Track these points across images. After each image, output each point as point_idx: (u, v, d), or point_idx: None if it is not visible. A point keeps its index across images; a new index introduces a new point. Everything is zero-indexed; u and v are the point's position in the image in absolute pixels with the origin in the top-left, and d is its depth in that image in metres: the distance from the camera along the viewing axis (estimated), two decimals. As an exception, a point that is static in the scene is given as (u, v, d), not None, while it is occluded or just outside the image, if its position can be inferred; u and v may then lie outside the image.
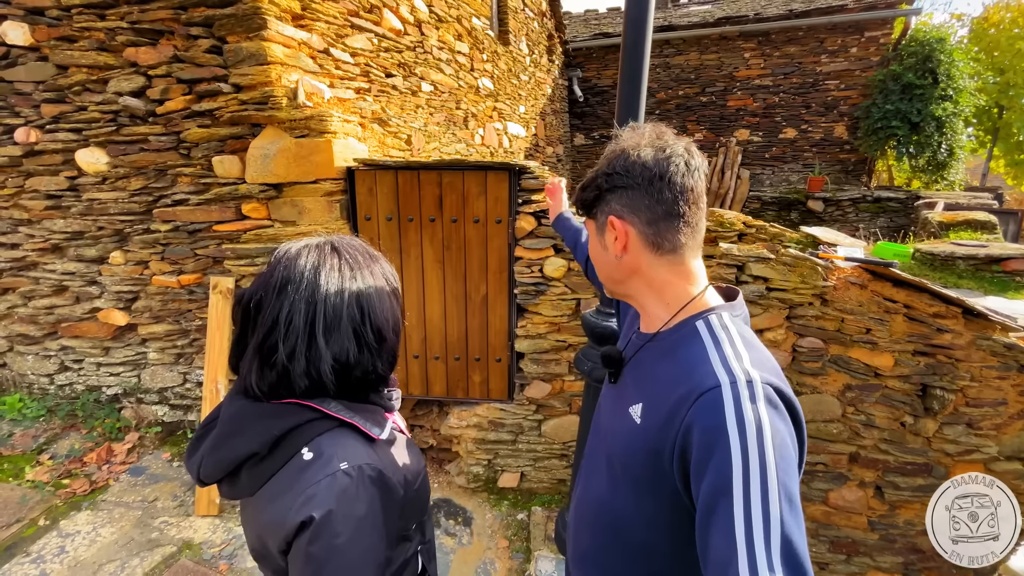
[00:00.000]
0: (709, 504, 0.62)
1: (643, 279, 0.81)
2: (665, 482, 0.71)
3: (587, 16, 9.79)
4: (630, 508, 0.79)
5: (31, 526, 2.38)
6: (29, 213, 2.76)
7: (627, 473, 0.78)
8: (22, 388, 3.16)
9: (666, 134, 0.79)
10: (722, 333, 0.74)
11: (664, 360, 0.78)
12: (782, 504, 0.59)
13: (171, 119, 2.44)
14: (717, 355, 0.70)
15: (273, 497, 0.69)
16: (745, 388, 0.65)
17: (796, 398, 0.69)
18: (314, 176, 2.38)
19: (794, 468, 0.63)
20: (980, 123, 12.17)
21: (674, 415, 0.68)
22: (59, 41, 2.42)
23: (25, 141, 2.59)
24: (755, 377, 0.66)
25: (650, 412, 0.75)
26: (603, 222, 0.81)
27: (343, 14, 2.72)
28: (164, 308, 2.81)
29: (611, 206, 0.79)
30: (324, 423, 0.73)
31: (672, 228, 0.76)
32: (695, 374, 0.70)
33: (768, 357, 0.74)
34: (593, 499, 0.89)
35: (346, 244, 0.81)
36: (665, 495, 0.72)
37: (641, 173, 0.75)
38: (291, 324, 0.72)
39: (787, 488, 0.60)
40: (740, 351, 0.71)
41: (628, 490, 0.78)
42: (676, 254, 0.78)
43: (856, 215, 6.91)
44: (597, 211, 0.82)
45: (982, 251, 3.67)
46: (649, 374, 0.81)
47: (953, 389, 2.16)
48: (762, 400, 0.64)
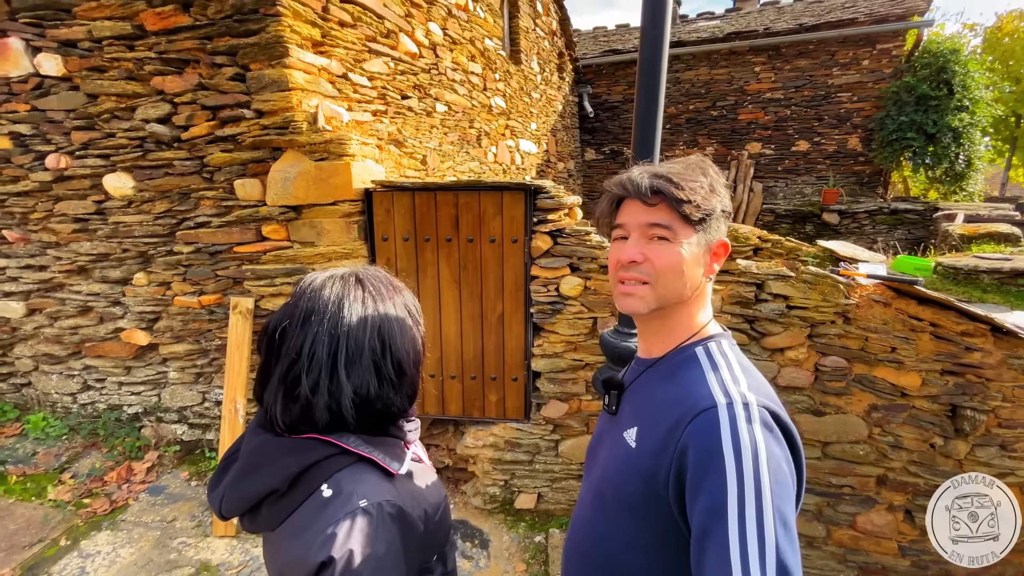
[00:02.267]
0: (704, 527, 0.61)
1: (693, 303, 0.82)
2: (661, 507, 0.70)
3: (596, 33, 9.91)
4: (625, 537, 0.78)
5: (52, 546, 2.40)
6: (57, 236, 2.84)
7: (620, 500, 0.77)
8: (46, 407, 3.21)
9: None
10: (720, 359, 0.75)
11: (662, 384, 0.79)
12: (777, 528, 0.59)
13: (195, 144, 2.50)
14: (715, 378, 0.71)
15: (293, 535, 0.69)
16: (742, 410, 0.65)
17: (793, 425, 0.69)
18: (333, 198, 2.42)
19: (790, 492, 0.63)
20: (997, 132, 12.01)
21: (670, 437, 0.69)
22: (90, 71, 2.51)
23: (55, 167, 2.67)
24: (751, 400, 0.67)
25: (645, 435, 0.75)
26: (713, 239, 0.78)
27: (361, 40, 2.79)
28: (185, 328, 2.85)
29: (722, 228, 0.80)
30: (343, 459, 0.73)
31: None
32: (691, 396, 0.70)
33: (765, 383, 0.75)
34: (586, 532, 0.87)
35: (371, 276, 0.82)
36: (661, 521, 0.71)
37: (729, 205, 0.81)
38: (314, 356, 0.72)
39: (782, 513, 0.60)
40: (738, 376, 0.71)
41: (624, 518, 0.77)
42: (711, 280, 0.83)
43: (873, 227, 6.81)
44: (710, 226, 0.77)
45: (1007, 264, 3.58)
46: (646, 398, 0.81)
47: (984, 410, 2.10)
48: (758, 423, 0.64)
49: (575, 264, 2.43)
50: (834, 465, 2.31)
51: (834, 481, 2.33)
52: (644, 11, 1.61)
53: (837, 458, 2.30)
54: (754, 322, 2.27)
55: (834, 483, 2.33)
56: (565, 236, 2.41)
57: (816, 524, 2.41)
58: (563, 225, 2.41)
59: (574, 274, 2.44)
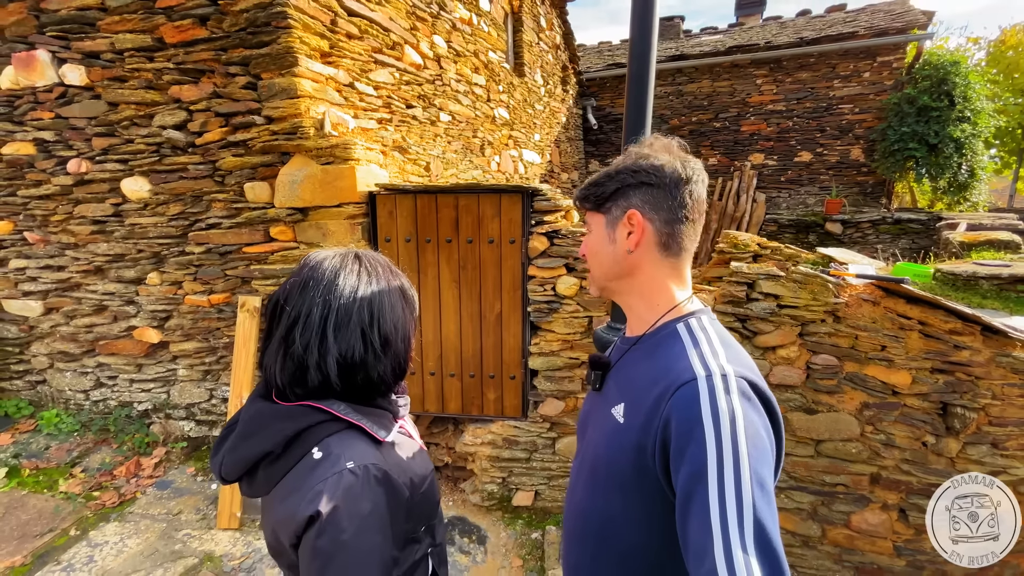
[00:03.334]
0: (686, 492, 0.65)
1: (641, 279, 0.85)
2: (649, 478, 0.73)
3: (600, 48, 10.10)
4: (617, 511, 0.80)
5: (62, 536, 2.47)
6: (76, 238, 2.96)
7: (612, 475, 0.80)
8: (59, 403, 3.31)
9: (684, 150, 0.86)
10: (700, 334, 0.78)
11: (645, 360, 0.82)
12: (754, 490, 0.62)
13: (208, 149, 2.62)
14: (695, 352, 0.75)
15: (285, 494, 0.74)
16: (720, 381, 0.69)
17: (772, 393, 0.72)
18: (338, 200, 2.52)
19: (768, 457, 0.66)
20: (1004, 144, 11.98)
21: (654, 410, 0.72)
22: (112, 81, 2.65)
23: (76, 171, 2.81)
24: (729, 371, 0.70)
25: (632, 410, 0.78)
26: (618, 215, 0.82)
27: (367, 51, 2.92)
28: (194, 326, 2.95)
29: (632, 200, 0.81)
30: (333, 425, 0.78)
31: (683, 232, 0.82)
32: (673, 370, 0.74)
33: (744, 355, 0.78)
34: (580, 510, 0.90)
35: (370, 256, 0.88)
36: (651, 493, 0.74)
37: (671, 175, 0.80)
38: (308, 318, 0.78)
39: (759, 475, 0.63)
40: (717, 349, 0.75)
41: (615, 493, 0.80)
42: (679, 258, 0.83)
43: (876, 237, 6.82)
44: (613, 204, 0.83)
45: (1006, 271, 3.58)
46: (631, 375, 0.84)
47: (975, 407, 2.12)
48: (735, 392, 0.68)
49: (571, 264, 2.50)
50: (827, 463, 2.33)
51: (827, 479, 2.35)
52: (632, 26, 1.69)
53: (830, 456, 2.32)
54: (746, 321, 2.32)
55: (828, 481, 2.35)
56: (561, 237, 2.48)
57: (811, 523, 2.42)
58: (559, 226, 2.48)
59: (570, 274, 2.50)
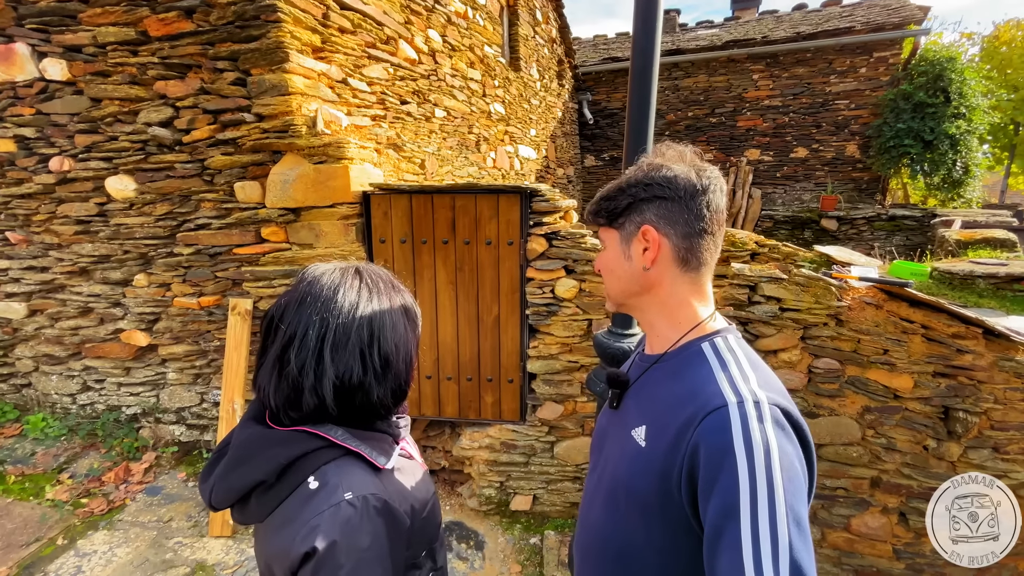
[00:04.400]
0: (716, 527, 0.61)
1: (660, 295, 0.80)
2: (673, 506, 0.70)
3: (596, 41, 10.01)
4: (639, 536, 0.77)
5: (49, 545, 2.41)
6: (59, 238, 2.87)
7: (633, 499, 0.76)
8: (45, 407, 3.23)
9: (698, 158, 0.81)
10: (728, 355, 0.74)
11: (669, 381, 0.78)
12: (790, 528, 0.58)
13: (196, 147, 2.54)
14: (724, 376, 0.70)
15: (280, 526, 0.70)
16: (753, 409, 0.64)
17: (804, 420, 0.68)
18: (331, 200, 2.45)
19: (802, 491, 0.62)
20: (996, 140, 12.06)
21: (681, 436, 0.68)
22: (94, 76, 2.55)
23: (59, 169, 2.72)
24: (762, 398, 0.66)
25: (655, 434, 0.74)
26: (632, 231, 0.79)
27: (360, 46, 2.84)
28: (184, 329, 2.88)
29: (646, 215, 0.77)
30: (330, 451, 0.74)
31: (702, 245, 0.77)
32: (701, 395, 0.69)
33: (774, 378, 0.73)
34: (597, 530, 0.86)
35: (371, 271, 0.83)
36: (674, 520, 0.70)
37: (685, 187, 0.75)
38: (305, 337, 0.73)
39: (795, 511, 0.59)
40: (747, 372, 0.71)
41: (636, 518, 0.76)
42: (699, 272, 0.79)
43: (871, 233, 6.84)
44: (626, 220, 0.80)
45: (1002, 269, 3.60)
46: (653, 396, 0.80)
47: (977, 412, 2.11)
48: (769, 421, 0.64)
49: (570, 266, 2.45)
50: (828, 467, 2.32)
51: (828, 483, 2.33)
52: (636, 20, 1.64)
53: (831, 460, 2.30)
54: (748, 324, 2.29)
55: (828, 485, 2.33)
56: (560, 239, 2.43)
57: (811, 527, 2.41)
58: (558, 228, 2.44)
59: (569, 276, 2.46)
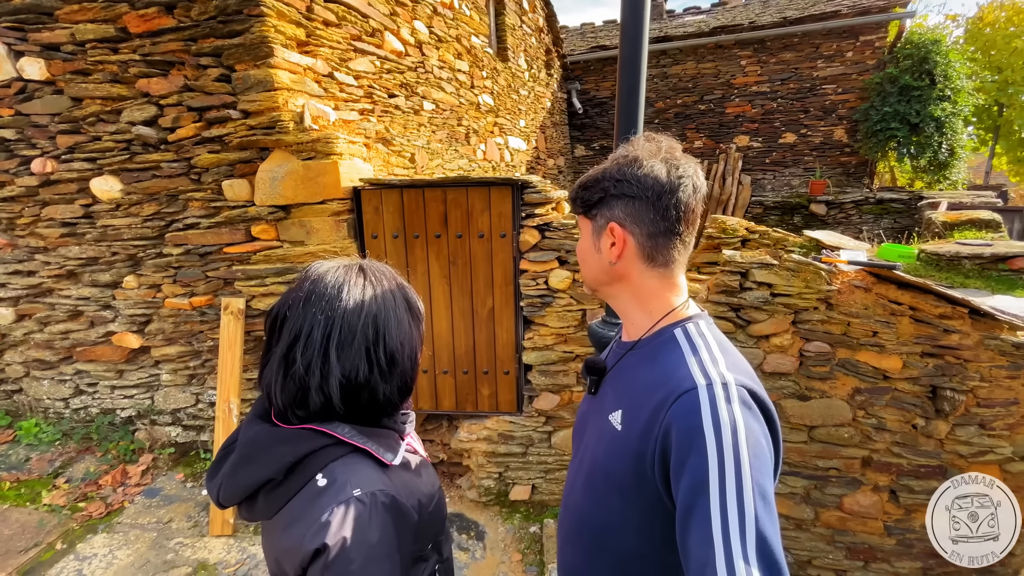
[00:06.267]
0: (687, 504, 0.64)
1: (630, 286, 0.83)
2: (648, 487, 0.72)
3: (584, 29, 9.94)
4: (615, 517, 0.79)
5: (48, 550, 2.40)
6: (45, 241, 2.83)
7: (611, 482, 0.79)
8: (38, 413, 3.20)
9: (677, 150, 0.81)
10: (699, 340, 0.77)
11: (643, 367, 0.81)
12: (756, 502, 0.61)
13: (182, 146, 2.51)
14: (695, 359, 0.73)
15: (289, 523, 0.71)
16: (721, 390, 0.67)
17: (770, 400, 0.71)
18: (321, 197, 2.43)
19: (768, 467, 0.65)
20: (980, 121, 12.18)
21: (654, 419, 0.71)
22: (74, 75, 2.50)
23: (41, 171, 2.67)
24: (730, 380, 0.69)
25: (630, 418, 0.77)
26: (602, 225, 0.81)
27: (346, 39, 2.80)
28: (177, 330, 2.85)
29: (614, 212, 0.80)
30: (337, 449, 0.74)
31: (669, 244, 0.79)
32: (673, 378, 0.72)
33: (743, 361, 0.77)
34: (575, 511, 0.89)
35: (375, 268, 0.83)
36: (649, 500, 0.73)
37: (652, 186, 0.76)
38: (310, 336, 0.74)
39: (761, 486, 0.62)
40: (716, 356, 0.74)
41: (613, 498, 0.79)
42: (667, 268, 0.81)
43: (859, 217, 6.91)
44: (598, 213, 0.83)
45: (987, 250, 3.66)
46: (628, 381, 0.83)
47: (963, 390, 2.15)
48: (736, 401, 0.67)
49: (563, 257, 2.46)
50: (820, 448, 2.36)
51: (820, 464, 2.38)
52: (623, 7, 1.63)
53: (823, 441, 2.35)
54: (739, 310, 2.31)
55: (820, 466, 2.38)
56: (553, 230, 2.44)
57: (804, 507, 2.46)
58: (551, 219, 2.44)
59: (562, 267, 2.47)
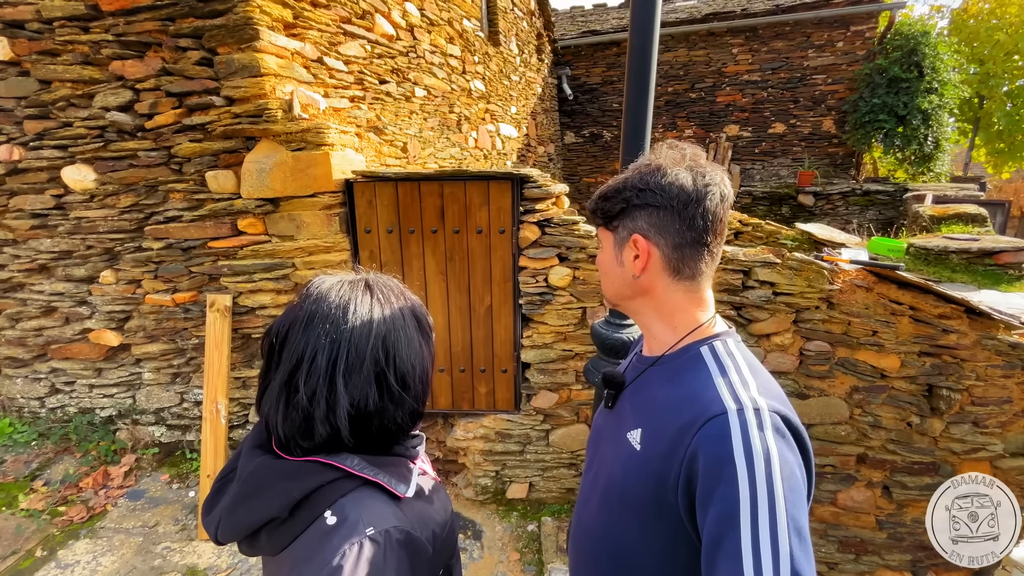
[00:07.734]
0: (715, 536, 0.60)
1: (654, 300, 0.79)
2: (668, 511, 0.69)
3: (574, 13, 9.75)
4: (632, 539, 0.76)
5: (28, 558, 2.30)
6: (14, 233, 2.66)
7: (626, 502, 0.76)
8: (11, 412, 3.06)
9: (702, 157, 0.77)
10: (728, 360, 0.73)
11: (666, 385, 0.77)
12: (791, 537, 0.58)
13: (161, 134, 2.36)
14: (723, 381, 0.69)
15: (296, 562, 0.65)
16: (753, 416, 0.64)
17: (803, 427, 0.67)
18: (312, 190, 2.33)
19: (803, 500, 0.62)
20: (962, 113, 12.36)
21: (678, 442, 0.67)
22: (41, 55, 2.33)
23: (8, 159, 2.49)
24: (762, 405, 0.65)
25: (651, 438, 0.73)
26: (625, 237, 0.78)
27: (335, 21, 2.66)
28: (159, 327, 2.73)
29: (637, 223, 0.76)
30: (347, 483, 0.69)
31: (696, 256, 0.75)
32: (700, 400, 0.68)
33: (774, 384, 0.73)
34: (591, 529, 0.86)
35: (381, 283, 0.77)
36: (670, 524, 0.70)
37: (678, 195, 0.72)
38: (314, 362, 0.68)
39: (796, 521, 0.59)
40: (747, 378, 0.70)
41: (630, 520, 0.76)
42: (694, 281, 0.77)
43: (846, 208, 6.96)
44: (620, 224, 0.79)
45: (975, 245, 3.70)
46: (649, 398, 0.79)
47: (959, 388, 2.18)
48: (770, 429, 0.63)
49: (563, 254, 2.40)
50: (817, 446, 2.38)
51: (817, 461, 2.40)
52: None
53: (820, 439, 2.36)
54: (741, 309, 2.30)
55: (817, 463, 2.40)
56: (553, 226, 2.38)
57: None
58: (551, 215, 2.37)
59: (563, 264, 2.41)
